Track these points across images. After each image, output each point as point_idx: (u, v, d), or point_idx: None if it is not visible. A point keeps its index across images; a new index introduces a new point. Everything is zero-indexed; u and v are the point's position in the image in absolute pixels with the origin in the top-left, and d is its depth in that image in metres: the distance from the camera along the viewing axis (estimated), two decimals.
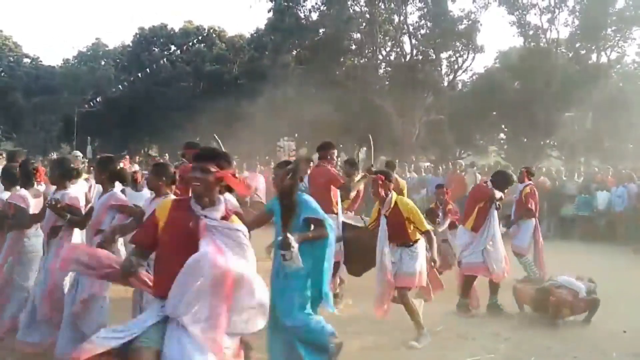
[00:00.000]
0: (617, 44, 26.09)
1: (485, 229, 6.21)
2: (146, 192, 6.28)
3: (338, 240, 5.27)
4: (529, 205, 7.51)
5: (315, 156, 6.80)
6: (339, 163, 8.34)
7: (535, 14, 26.67)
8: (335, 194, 6.08)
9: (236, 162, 11.57)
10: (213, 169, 2.91)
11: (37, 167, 5.29)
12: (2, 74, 36.68)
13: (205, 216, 2.88)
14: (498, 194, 6.31)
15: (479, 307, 6.27)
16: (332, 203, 5.94)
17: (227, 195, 3.89)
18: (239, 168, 13.12)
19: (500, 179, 6.52)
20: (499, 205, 6.37)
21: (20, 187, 5.03)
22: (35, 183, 5.14)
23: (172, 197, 4.15)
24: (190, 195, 3.07)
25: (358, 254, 5.81)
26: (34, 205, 4.91)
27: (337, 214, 5.95)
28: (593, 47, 26.16)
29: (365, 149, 33.33)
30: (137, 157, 21.18)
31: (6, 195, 5.12)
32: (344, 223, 6.09)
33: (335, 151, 6.33)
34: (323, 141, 6.52)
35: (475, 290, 6.29)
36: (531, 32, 26.92)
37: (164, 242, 2.93)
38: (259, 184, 13.74)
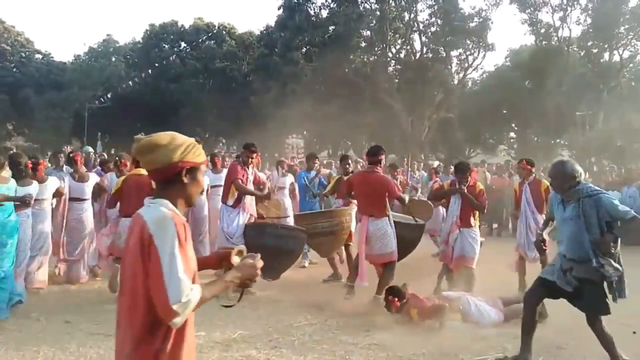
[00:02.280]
0: (629, 42, 25.86)
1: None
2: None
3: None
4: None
5: (324, 153, 6.94)
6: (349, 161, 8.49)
7: (547, 12, 26.56)
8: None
9: None
10: None
11: (37, 161, 6.37)
12: (14, 70, 36.99)
13: None
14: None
15: None
16: (385, 208, 6.25)
17: None
18: None
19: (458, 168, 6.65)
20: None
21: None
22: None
23: None
24: None
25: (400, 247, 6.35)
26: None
27: (389, 216, 6.28)
28: (605, 46, 25.96)
29: None
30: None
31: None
32: (395, 221, 6.41)
33: (384, 156, 6.48)
34: (373, 145, 6.72)
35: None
36: (543, 30, 26.75)
37: None
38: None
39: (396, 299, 5.51)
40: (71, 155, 8.00)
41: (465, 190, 6.38)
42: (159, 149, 2.01)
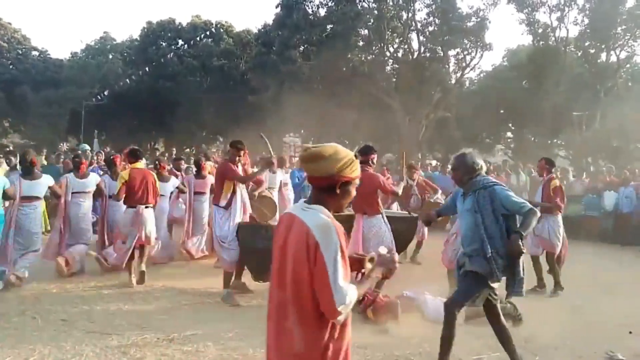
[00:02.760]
0: (626, 43, 25.87)
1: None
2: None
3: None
4: (558, 200, 7.15)
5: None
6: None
7: (544, 12, 26.53)
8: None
9: None
10: None
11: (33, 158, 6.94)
12: (11, 67, 36.85)
13: None
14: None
15: None
16: (378, 205, 6.31)
17: None
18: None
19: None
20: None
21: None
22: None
23: None
24: None
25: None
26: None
27: (382, 213, 6.34)
28: (602, 46, 25.97)
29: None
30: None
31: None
32: (390, 217, 6.51)
33: (376, 155, 6.54)
34: (364, 145, 6.67)
35: None
36: (540, 31, 26.76)
37: None
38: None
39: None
40: (111, 157, 8.61)
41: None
42: (322, 160, 2.23)
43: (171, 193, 8.67)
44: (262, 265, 6.28)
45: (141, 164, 7.50)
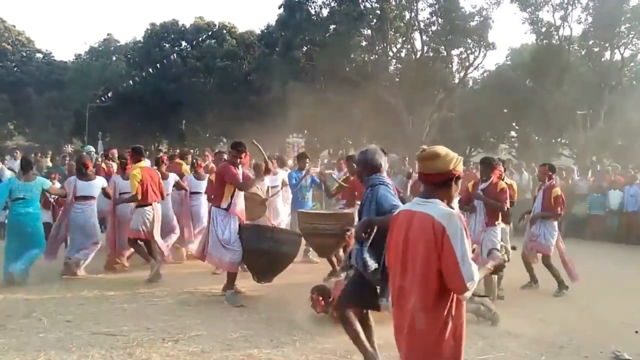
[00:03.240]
0: (630, 41, 25.75)
1: None
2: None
3: None
4: (559, 210, 7.10)
5: (324, 152, 6.99)
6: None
7: (547, 11, 26.42)
8: None
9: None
10: None
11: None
12: (15, 69, 36.99)
13: None
14: None
15: None
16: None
17: None
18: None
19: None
20: None
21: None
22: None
23: None
24: None
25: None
26: None
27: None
28: (606, 45, 25.85)
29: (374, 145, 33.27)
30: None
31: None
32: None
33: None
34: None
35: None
36: (543, 29, 26.65)
37: None
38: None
39: (321, 298, 5.29)
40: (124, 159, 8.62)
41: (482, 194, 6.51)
42: (438, 158, 2.60)
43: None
44: (266, 267, 6.30)
45: (145, 162, 7.56)
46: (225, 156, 8.20)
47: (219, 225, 6.21)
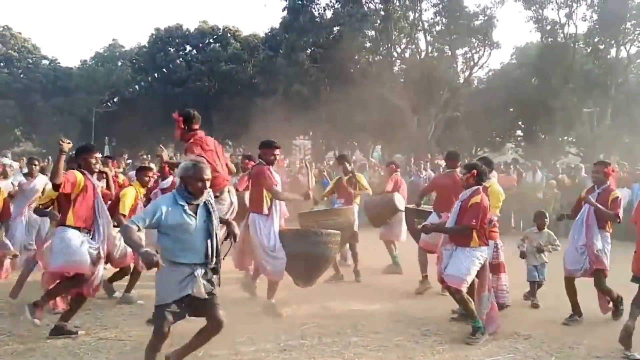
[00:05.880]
0: (636, 38, 25.62)
1: None
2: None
3: None
4: (619, 212, 5.85)
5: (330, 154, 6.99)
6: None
7: (552, 9, 26.32)
8: None
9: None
10: None
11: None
12: (22, 76, 37.23)
13: None
14: None
15: None
16: None
17: None
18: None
19: None
20: None
21: None
22: None
23: None
24: None
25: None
26: None
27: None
28: (612, 42, 25.71)
29: (380, 146, 33.24)
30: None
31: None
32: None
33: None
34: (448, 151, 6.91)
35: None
36: (548, 27, 26.54)
37: None
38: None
39: None
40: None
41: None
42: None
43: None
44: (309, 271, 6.00)
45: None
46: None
47: (263, 233, 5.82)
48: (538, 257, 6.60)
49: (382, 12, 27.46)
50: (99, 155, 5.37)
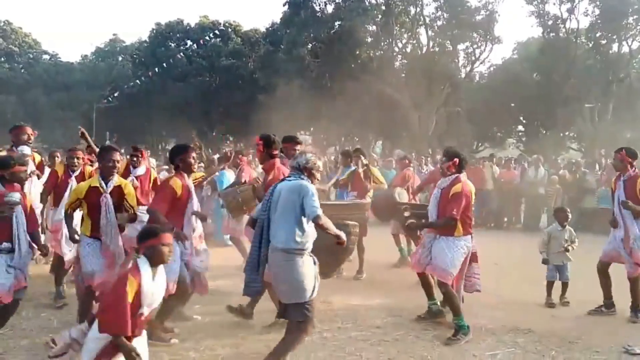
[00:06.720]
0: (638, 33, 25.55)
1: None
2: None
3: None
4: None
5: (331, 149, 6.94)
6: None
7: (554, 4, 26.27)
8: None
9: (252, 156, 11.55)
10: None
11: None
12: (22, 71, 37.24)
13: None
14: None
15: None
16: None
17: None
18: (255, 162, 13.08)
19: None
20: None
21: None
22: None
23: None
24: None
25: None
26: None
27: None
28: (614, 37, 25.65)
29: (381, 141, 33.23)
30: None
31: None
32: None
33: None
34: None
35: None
36: (550, 22, 26.49)
37: None
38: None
39: None
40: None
41: None
42: None
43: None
44: (330, 262, 6.01)
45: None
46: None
47: None
48: (564, 256, 6.37)
49: (383, 7, 27.41)
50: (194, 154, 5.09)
